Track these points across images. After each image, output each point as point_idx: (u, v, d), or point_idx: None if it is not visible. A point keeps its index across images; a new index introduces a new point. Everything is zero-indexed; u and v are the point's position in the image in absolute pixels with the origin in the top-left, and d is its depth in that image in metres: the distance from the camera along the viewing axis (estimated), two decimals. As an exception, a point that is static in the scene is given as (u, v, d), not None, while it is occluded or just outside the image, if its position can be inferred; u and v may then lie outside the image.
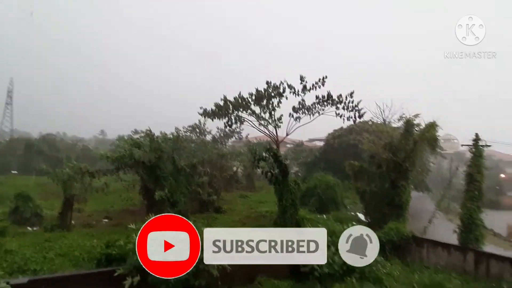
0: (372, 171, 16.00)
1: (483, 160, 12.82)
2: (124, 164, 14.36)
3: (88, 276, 6.89)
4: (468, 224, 12.19)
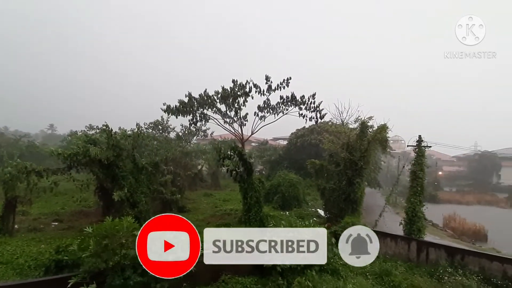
0: (331, 169, 16.99)
1: (424, 159, 14.38)
2: (77, 162, 13.19)
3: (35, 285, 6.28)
4: (412, 216, 13.60)
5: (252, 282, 8.98)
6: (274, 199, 21.89)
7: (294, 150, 34.88)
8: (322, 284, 9.33)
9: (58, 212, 16.79)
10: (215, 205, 21.74)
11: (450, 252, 11.93)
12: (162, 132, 27.82)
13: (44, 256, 8.20)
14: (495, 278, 10.65)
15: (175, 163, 21.50)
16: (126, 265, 6.70)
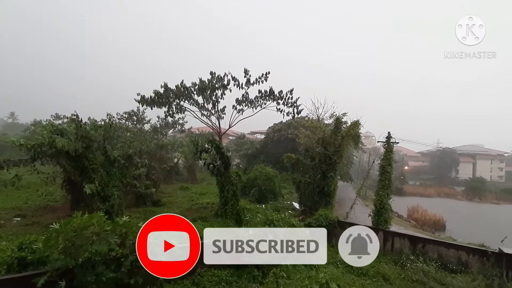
0: (307, 163, 17.46)
1: (393, 155, 15.25)
2: (42, 154, 12.29)
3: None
4: (380, 208, 14.44)
5: (228, 275, 9.09)
6: (250, 192, 22.10)
7: (271, 144, 35.29)
8: (296, 274, 9.69)
9: (20, 207, 15.64)
10: (191, 199, 21.49)
11: (412, 241, 12.88)
12: (136, 123, 26.76)
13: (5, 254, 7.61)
14: (451, 263, 11.72)
15: (150, 156, 20.82)
16: (97, 261, 6.47)
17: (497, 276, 10.31)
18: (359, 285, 9.90)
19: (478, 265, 11.27)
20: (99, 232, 6.49)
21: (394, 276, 10.88)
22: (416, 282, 10.55)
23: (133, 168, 16.34)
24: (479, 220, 28.86)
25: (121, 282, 6.48)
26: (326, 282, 8.90)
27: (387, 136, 15.18)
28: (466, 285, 10.29)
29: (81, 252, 6.08)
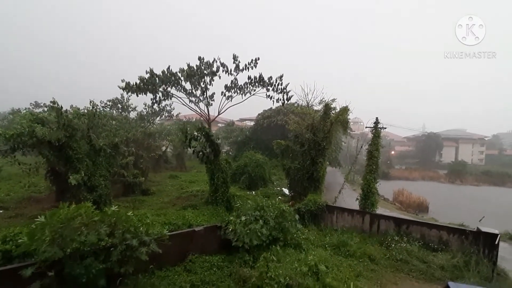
0: (296, 150, 17.58)
1: (380, 140, 15.54)
2: (22, 144, 11.79)
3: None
4: (367, 192, 14.84)
5: (219, 260, 9.24)
6: (241, 179, 22.19)
7: (260, 131, 35.25)
8: (285, 257, 9.94)
9: (2, 199, 15.11)
10: (181, 187, 21.38)
11: (397, 222, 13.38)
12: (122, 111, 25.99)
13: (-12, 247, 7.41)
14: (432, 243, 12.29)
15: (137, 144, 20.42)
16: (86, 251, 6.38)
17: (475, 253, 10.92)
18: (346, 266, 10.28)
19: (457, 244, 11.87)
20: (87, 222, 6.37)
21: (379, 256, 11.35)
22: (400, 261, 11.06)
23: (120, 157, 16.00)
24: (460, 201, 30.27)
25: (112, 272, 6.45)
26: (315, 264, 9.19)
27: (375, 121, 15.38)
28: (446, 262, 10.87)
29: (69, 243, 5.97)
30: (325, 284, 8.42)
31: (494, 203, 30.17)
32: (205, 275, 8.18)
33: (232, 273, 8.42)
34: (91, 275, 6.00)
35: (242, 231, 9.42)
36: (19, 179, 18.21)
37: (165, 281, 7.65)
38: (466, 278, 9.65)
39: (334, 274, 9.37)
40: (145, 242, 6.76)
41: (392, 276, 10.06)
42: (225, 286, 7.62)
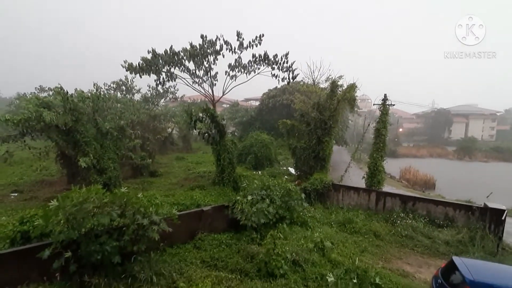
0: (302, 129, 17.43)
1: (388, 117, 15.23)
2: (30, 129, 11.97)
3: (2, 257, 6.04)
4: (374, 170, 14.80)
5: (227, 238, 9.51)
6: (247, 159, 22.34)
7: (266, 111, 34.91)
8: (292, 235, 10.18)
9: (16, 183, 15.65)
10: (187, 168, 21.70)
11: (403, 200, 13.44)
12: (126, 93, 25.88)
13: (6, 228, 7.75)
14: (438, 219, 12.37)
15: (142, 126, 20.52)
16: (100, 231, 6.63)
17: (480, 229, 10.98)
18: (351, 242, 10.49)
19: (463, 220, 11.93)
20: (99, 204, 6.54)
21: (384, 232, 11.52)
22: (405, 237, 11.23)
23: (126, 140, 16.16)
24: (468, 178, 30.07)
25: (125, 250, 6.72)
26: (320, 241, 9.40)
27: (383, 98, 14.99)
28: (451, 238, 10.99)
29: (83, 224, 6.18)
30: (330, 260, 8.66)
31: (503, 179, 29.91)
32: (214, 252, 8.48)
33: (240, 250, 8.69)
34: (105, 253, 6.25)
35: (249, 210, 9.60)
36: (30, 163, 18.74)
37: (176, 257, 7.96)
38: (470, 253, 9.78)
39: (340, 250, 9.61)
40: (155, 221, 6.95)
41: (397, 251, 10.26)
42: (234, 262, 7.89)
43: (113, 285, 6.26)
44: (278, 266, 7.50)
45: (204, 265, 7.79)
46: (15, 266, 6.04)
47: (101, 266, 6.47)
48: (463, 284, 6.17)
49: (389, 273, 8.37)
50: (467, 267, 6.51)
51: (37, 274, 6.01)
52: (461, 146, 53.65)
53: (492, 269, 6.93)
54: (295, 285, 7.15)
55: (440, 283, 6.70)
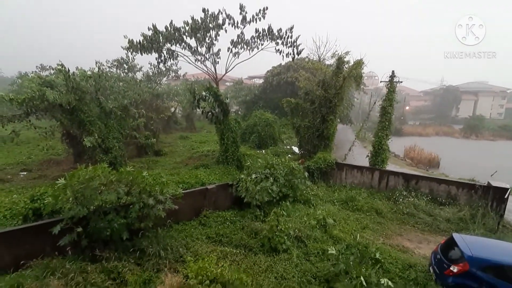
0: (306, 107, 17.19)
1: (395, 95, 14.88)
2: (35, 108, 11.99)
3: (17, 233, 6.30)
4: (378, 149, 14.74)
5: (232, 215, 9.76)
6: (250, 138, 22.36)
7: (269, 89, 34.33)
8: (295, 212, 10.41)
9: (24, 162, 16.00)
10: (192, 147, 21.86)
11: (406, 178, 13.48)
12: (128, 72, 25.49)
13: (19, 206, 8.05)
14: (440, 197, 12.46)
15: (145, 106, 20.41)
16: (108, 208, 6.84)
17: (482, 207, 11.06)
18: (353, 219, 10.71)
19: (466, 198, 12.00)
20: (105, 182, 6.67)
21: (386, 210, 11.70)
22: (407, 214, 11.39)
23: (130, 119, 16.17)
24: (473, 157, 29.87)
25: (133, 226, 6.96)
26: (323, 218, 9.60)
27: (391, 75, 14.57)
28: (452, 215, 11.12)
29: (91, 202, 6.35)
30: (332, 236, 8.89)
31: (509, 158, 29.66)
32: (219, 229, 8.74)
33: (244, 226, 8.94)
34: (114, 229, 6.48)
35: (253, 189, 9.75)
36: (37, 142, 19.02)
37: (183, 233, 8.24)
38: (471, 230, 9.92)
39: (341, 227, 9.83)
40: (160, 200, 7.12)
41: (398, 228, 10.47)
42: (238, 238, 8.15)
43: (123, 258, 6.55)
44: (281, 241, 7.74)
45: (210, 241, 8.06)
46: (30, 241, 6.31)
47: (111, 241, 6.74)
48: (462, 259, 6.32)
49: (389, 248, 8.60)
50: (466, 243, 6.63)
51: (51, 249, 6.29)
52: (468, 124, 52.75)
53: (491, 245, 7.05)
54: (297, 259, 7.41)
55: (439, 259, 6.87)
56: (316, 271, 6.91)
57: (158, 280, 6.03)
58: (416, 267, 7.46)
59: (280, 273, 6.70)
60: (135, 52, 20.50)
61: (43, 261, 6.00)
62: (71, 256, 6.36)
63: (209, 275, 5.46)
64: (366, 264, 5.94)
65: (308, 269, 6.97)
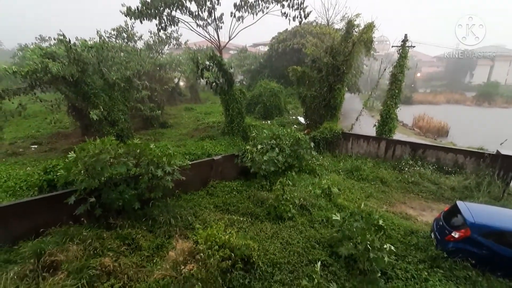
0: (313, 76, 16.63)
1: (406, 61, 14.18)
2: (39, 81, 11.88)
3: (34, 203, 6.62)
4: (386, 118, 14.45)
5: (238, 185, 9.99)
6: (256, 109, 22.11)
7: (275, 57, 33.10)
8: (300, 182, 10.59)
9: (34, 135, 16.31)
10: (197, 119, 21.82)
11: (413, 147, 13.38)
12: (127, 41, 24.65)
13: (33, 177, 8.36)
14: (447, 166, 12.44)
15: (148, 77, 20.05)
16: (118, 180, 7.05)
17: (489, 175, 11.04)
18: (358, 188, 10.87)
19: (473, 167, 11.95)
20: (114, 155, 6.80)
21: (391, 179, 11.79)
22: (412, 183, 11.49)
23: (134, 91, 16.00)
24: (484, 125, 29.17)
25: (143, 196, 7.22)
26: (328, 187, 9.76)
27: (403, 39, 13.79)
28: (457, 184, 11.17)
29: (101, 174, 6.53)
30: (336, 204, 9.10)
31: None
32: (226, 198, 9.01)
33: (251, 196, 9.19)
34: (125, 200, 6.74)
35: (260, 159, 9.85)
36: (44, 116, 19.21)
37: (191, 203, 8.54)
38: (475, 198, 10.01)
39: (346, 195, 10.02)
40: (168, 171, 7.27)
41: (402, 197, 10.63)
42: (245, 207, 8.42)
43: (136, 226, 6.90)
44: (286, 210, 7.97)
45: (217, 210, 8.36)
46: (47, 211, 6.64)
47: (124, 210, 7.06)
48: (464, 226, 6.45)
49: (392, 216, 8.81)
50: (469, 210, 6.71)
51: (67, 218, 6.63)
52: (481, 91, 50.70)
53: (494, 212, 7.13)
54: (302, 226, 7.68)
55: (441, 225, 7.02)
56: (320, 237, 7.18)
57: (169, 245, 6.38)
58: (418, 233, 7.69)
59: (285, 239, 7.00)
60: (135, 19, 19.63)
61: (61, 229, 6.36)
62: (87, 224, 6.71)
63: (218, 241, 5.73)
64: (369, 231, 6.12)
65: (312, 235, 7.25)
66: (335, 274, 5.91)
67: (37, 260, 5.38)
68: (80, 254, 5.66)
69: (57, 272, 5.21)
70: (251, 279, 5.53)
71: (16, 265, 5.39)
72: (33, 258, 5.44)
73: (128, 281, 5.33)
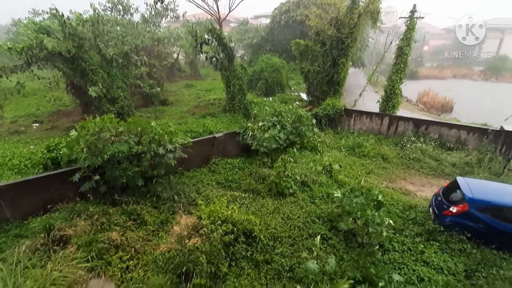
0: (317, 50, 16.07)
1: (414, 33, 13.57)
2: (35, 57, 11.59)
3: (40, 180, 6.74)
4: (390, 94, 14.14)
5: (240, 162, 10.08)
6: (257, 85, 21.69)
7: (277, 30, 31.84)
8: (302, 158, 10.65)
9: (35, 114, 16.25)
10: (197, 96, 21.52)
11: (416, 123, 13.25)
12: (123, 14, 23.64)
13: (37, 156, 8.44)
14: (449, 142, 12.39)
15: (146, 52, 19.46)
16: (121, 157, 7.11)
17: (491, 151, 11.02)
18: (359, 165, 10.94)
19: (475, 143, 11.90)
20: (115, 133, 6.80)
21: (392, 155, 11.82)
22: (413, 159, 11.52)
23: (132, 67, 15.64)
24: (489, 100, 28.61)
25: (146, 174, 7.32)
26: (329, 164, 9.83)
27: (412, 10, 13.10)
28: (459, 160, 11.20)
29: (104, 152, 6.57)
30: (337, 180, 9.22)
31: (528, 101, 28.27)
32: (228, 175, 9.13)
33: (252, 172, 9.30)
34: (129, 177, 6.85)
35: (261, 136, 9.83)
36: (43, 94, 19.00)
37: (194, 180, 8.68)
38: (476, 174, 10.08)
39: (347, 172, 10.12)
40: (170, 149, 7.30)
41: (402, 173, 10.71)
42: (246, 184, 8.55)
43: (141, 202, 7.08)
44: (287, 186, 8.10)
45: (219, 186, 8.51)
46: (54, 188, 6.79)
47: (128, 187, 7.20)
48: (462, 201, 6.55)
49: (391, 191, 8.94)
50: (469, 186, 6.79)
51: (73, 194, 6.80)
52: (489, 65, 49.12)
53: (493, 188, 7.21)
54: (303, 202, 7.85)
55: (440, 200, 7.14)
56: (320, 212, 7.36)
57: (174, 220, 6.59)
58: (416, 208, 7.85)
59: (286, 214, 7.19)
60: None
61: (68, 205, 6.54)
62: (93, 200, 6.89)
63: (220, 216, 5.90)
64: (369, 206, 6.25)
65: (313, 210, 7.43)
66: (334, 247, 6.13)
67: (47, 235, 5.60)
68: (88, 229, 5.88)
69: (67, 246, 5.45)
70: (253, 252, 5.76)
71: (27, 239, 5.62)
72: (43, 232, 5.66)
73: (135, 253, 5.57)
